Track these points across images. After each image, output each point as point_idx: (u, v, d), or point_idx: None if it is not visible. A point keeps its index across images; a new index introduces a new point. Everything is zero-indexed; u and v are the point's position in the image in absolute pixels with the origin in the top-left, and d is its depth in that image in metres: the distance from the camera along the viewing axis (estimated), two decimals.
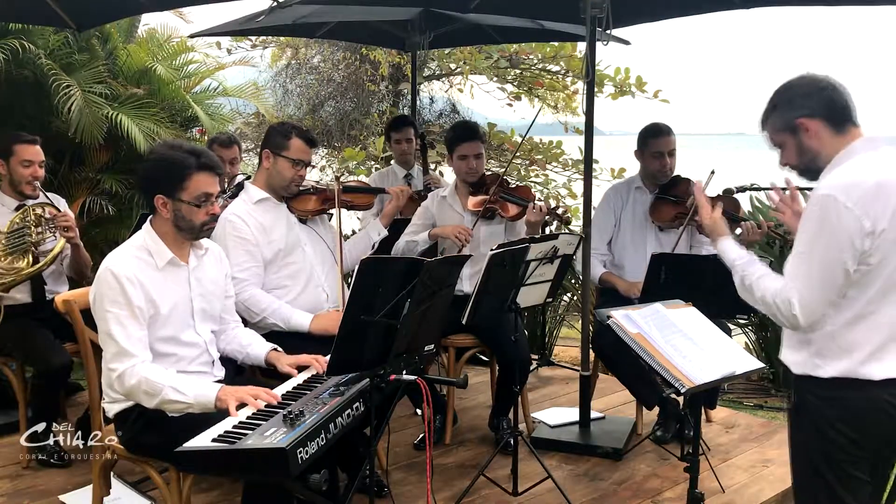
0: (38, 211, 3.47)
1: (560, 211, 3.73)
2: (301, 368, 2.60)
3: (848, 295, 1.98)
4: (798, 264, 1.99)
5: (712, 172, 3.42)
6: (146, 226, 2.50)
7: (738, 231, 3.59)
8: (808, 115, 2.02)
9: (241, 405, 2.22)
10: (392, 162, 4.94)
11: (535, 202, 3.54)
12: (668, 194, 3.75)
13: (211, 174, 2.44)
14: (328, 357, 2.30)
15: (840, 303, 1.98)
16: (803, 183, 2.18)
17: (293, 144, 3.14)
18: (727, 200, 3.63)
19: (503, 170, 4.25)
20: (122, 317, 2.32)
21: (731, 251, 2.23)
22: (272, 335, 3.03)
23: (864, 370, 1.97)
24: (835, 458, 2.02)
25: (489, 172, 3.85)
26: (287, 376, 2.54)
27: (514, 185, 3.82)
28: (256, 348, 2.70)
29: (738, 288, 2.17)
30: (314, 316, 3.11)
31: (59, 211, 3.50)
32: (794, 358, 2.09)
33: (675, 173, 3.79)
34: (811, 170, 2.08)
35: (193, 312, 2.52)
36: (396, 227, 3.81)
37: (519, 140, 7.04)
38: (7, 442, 3.55)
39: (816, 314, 1.98)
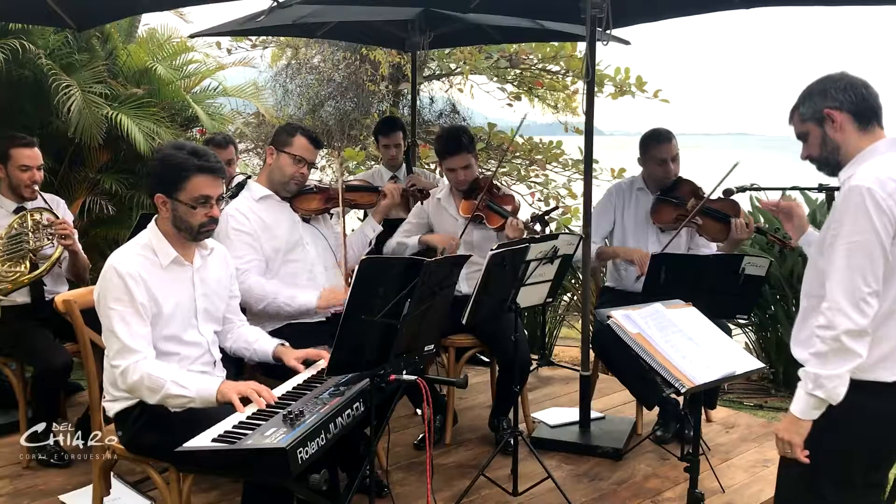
0: (37, 216, 3.43)
1: (541, 214, 3.67)
2: (310, 363, 2.61)
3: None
4: (835, 257, 1.93)
5: (735, 164, 3.43)
6: (151, 225, 2.51)
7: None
8: (837, 108, 2.04)
9: (244, 399, 2.24)
10: (379, 163, 4.97)
11: (513, 219, 3.54)
12: (669, 196, 3.74)
13: (211, 177, 2.43)
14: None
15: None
16: (803, 184, 2.18)
17: (297, 141, 3.17)
18: (726, 202, 3.62)
19: (493, 172, 4.23)
20: (126, 314, 2.32)
21: (800, 401, 1.99)
22: (276, 332, 3.03)
23: (878, 372, 1.95)
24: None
25: (482, 175, 3.84)
26: (290, 375, 2.54)
27: (501, 193, 3.77)
28: (263, 344, 2.72)
29: (834, 364, 1.92)
30: (319, 293, 3.14)
31: (57, 217, 3.47)
32: (805, 355, 2.03)
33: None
34: (830, 163, 2.09)
35: (197, 312, 2.53)
36: (390, 226, 3.81)
37: (518, 140, 7.05)
38: (7, 442, 3.55)
39: (866, 302, 1.90)
